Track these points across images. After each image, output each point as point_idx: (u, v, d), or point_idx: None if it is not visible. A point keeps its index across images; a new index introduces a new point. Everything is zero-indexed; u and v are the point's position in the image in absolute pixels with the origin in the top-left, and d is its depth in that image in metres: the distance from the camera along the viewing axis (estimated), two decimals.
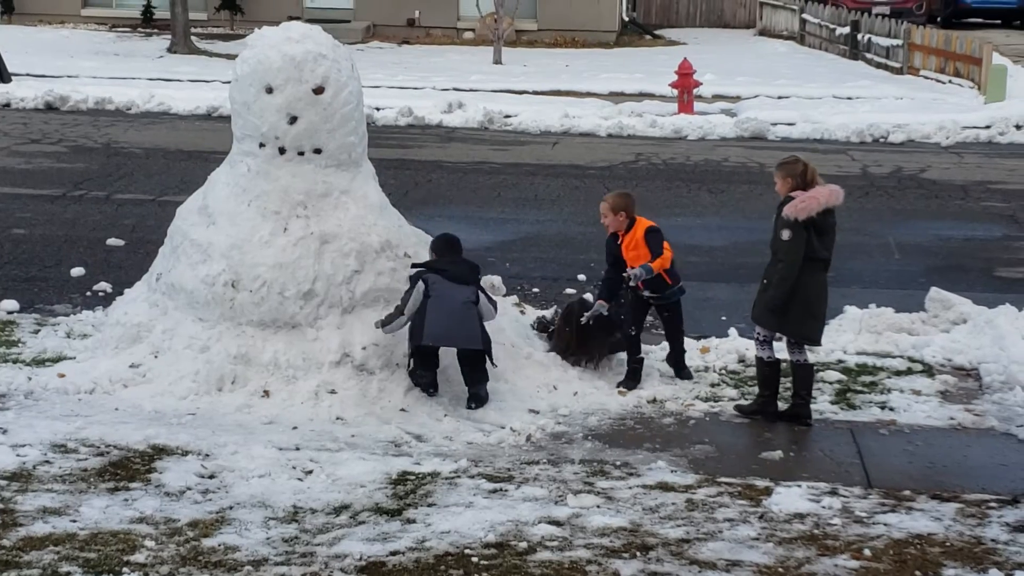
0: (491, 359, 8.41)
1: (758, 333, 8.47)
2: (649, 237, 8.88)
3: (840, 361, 9.57)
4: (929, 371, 9.40)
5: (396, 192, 13.30)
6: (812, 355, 8.77)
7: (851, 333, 10.04)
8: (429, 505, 6.85)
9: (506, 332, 9.07)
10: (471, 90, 24.22)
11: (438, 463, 7.44)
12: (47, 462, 7.26)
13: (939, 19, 37.86)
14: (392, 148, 18.10)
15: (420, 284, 8.35)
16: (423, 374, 8.40)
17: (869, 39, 30.07)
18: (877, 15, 31.68)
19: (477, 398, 8.40)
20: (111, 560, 6.10)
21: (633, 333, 9.01)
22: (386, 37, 33.46)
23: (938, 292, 10.58)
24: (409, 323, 8.37)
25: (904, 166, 18.02)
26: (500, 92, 24.25)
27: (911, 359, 9.62)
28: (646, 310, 9.16)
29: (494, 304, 8.63)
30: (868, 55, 29.94)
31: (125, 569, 6.02)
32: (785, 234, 8.13)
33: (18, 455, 7.31)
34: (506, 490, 7.06)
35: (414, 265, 8.61)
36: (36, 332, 9.74)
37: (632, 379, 8.95)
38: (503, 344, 8.82)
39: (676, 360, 9.20)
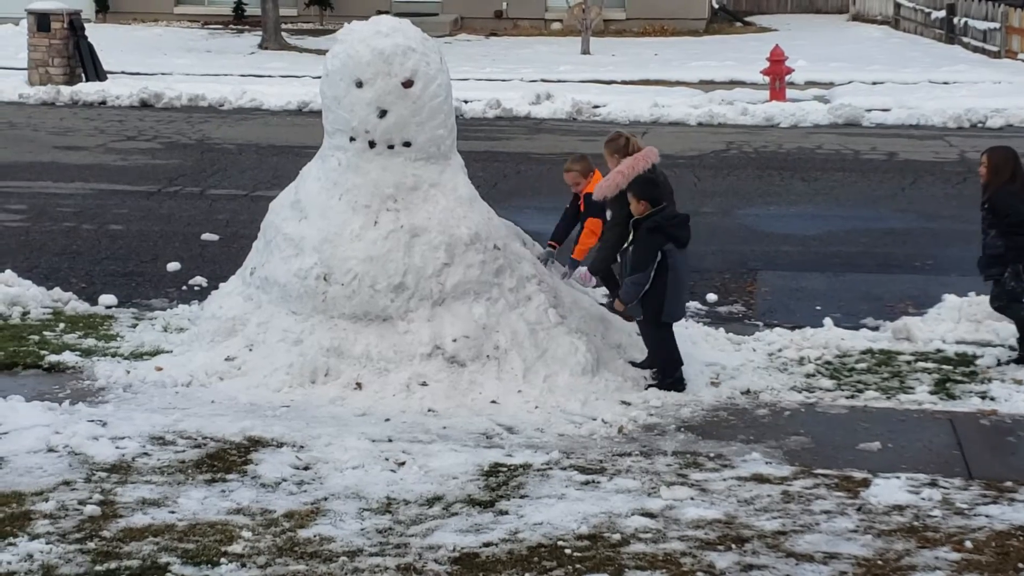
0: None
1: None
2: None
3: (939, 350, 9.39)
4: None
5: (485, 184, 13.32)
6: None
7: (950, 322, 9.85)
8: (521, 497, 6.83)
9: (595, 325, 9.03)
10: (559, 81, 24.19)
11: (530, 455, 7.43)
12: (146, 454, 7.37)
13: None
14: (481, 140, 18.12)
15: (659, 255, 8.36)
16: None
17: (965, 23, 29.52)
18: None
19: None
20: (209, 551, 6.17)
21: None
22: (474, 29, 33.54)
23: None
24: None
25: None
26: (588, 83, 24.18)
27: (1011, 348, 9.41)
28: None
29: None
30: (964, 39, 29.39)
31: (223, 560, 6.08)
32: (608, 213, 8.64)
33: (117, 447, 7.43)
34: (598, 482, 7.03)
35: (651, 215, 8.36)
36: (134, 326, 9.91)
37: None
38: (594, 336, 8.78)
39: None
